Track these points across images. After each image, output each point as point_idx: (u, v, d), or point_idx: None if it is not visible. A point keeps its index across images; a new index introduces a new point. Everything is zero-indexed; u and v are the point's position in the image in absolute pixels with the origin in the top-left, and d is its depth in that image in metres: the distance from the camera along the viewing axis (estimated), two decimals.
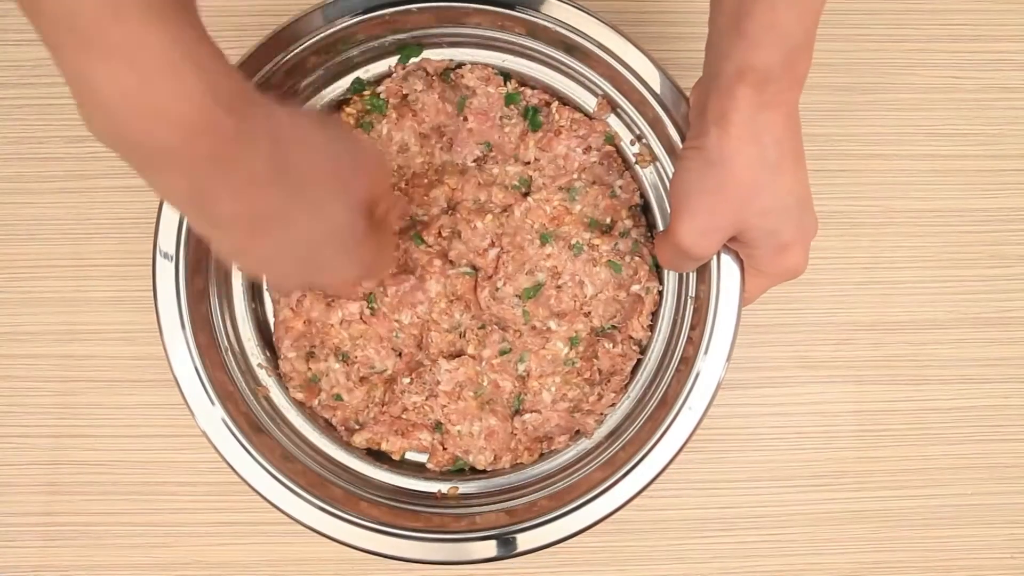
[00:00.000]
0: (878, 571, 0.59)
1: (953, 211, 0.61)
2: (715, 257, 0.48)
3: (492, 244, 0.53)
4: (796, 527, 0.59)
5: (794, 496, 0.59)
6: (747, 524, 0.59)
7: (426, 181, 0.54)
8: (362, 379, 0.54)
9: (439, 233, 0.54)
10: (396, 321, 0.54)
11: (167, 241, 0.49)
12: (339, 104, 0.55)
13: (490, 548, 0.49)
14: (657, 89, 0.50)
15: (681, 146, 0.49)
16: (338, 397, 0.54)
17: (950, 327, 0.61)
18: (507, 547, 0.49)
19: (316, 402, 0.54)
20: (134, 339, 0.58)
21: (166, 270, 0.49)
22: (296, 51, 0.50)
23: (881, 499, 0.59)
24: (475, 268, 0.54)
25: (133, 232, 0.59)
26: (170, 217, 0.49)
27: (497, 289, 0.53)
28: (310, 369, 0.54)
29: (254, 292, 0.55)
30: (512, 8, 0.50)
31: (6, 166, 0.59)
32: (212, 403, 0.49)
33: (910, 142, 0.61)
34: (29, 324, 0.58)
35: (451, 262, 0.54)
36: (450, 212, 0.54)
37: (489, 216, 0.53)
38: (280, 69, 0.50)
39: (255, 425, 0.51)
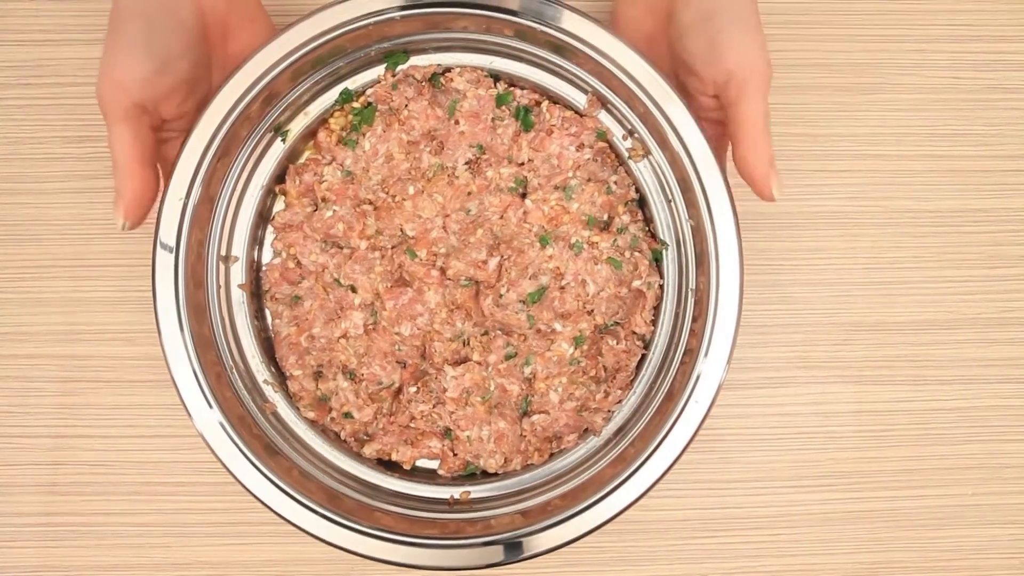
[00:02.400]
0: (880, 571, 0.59)
1: (953, 211, 0.61)
2: (713, 247, 0.49)
3: (491, 254, 0.53)
4: (798, 527, 0.59)
5: (796, 496, 0.59)
6: (749, 524, 0.59)
7: (412, 191, 0.54)
8: (371, 396, 0.54)
9: (432, 251, 0.54)
10: (397, 334, 0.54)
11: (168, 233, 0.49)
12: (323, 120, 0.55)
13: (507, 551, 0.49)
14: (645, 83, 0.50)
15: (672, 138, 0.50)
16: (348, 415, 0.54)
17: (950, 327, 0.61)
18: (523, 550, 0.49)
19: (327, 419, 0.54)
20: (134, 340, 0.58)
21: (166, 262, 0.49)
22: (283, 66, 0.50)
23: (882, 499, 0.59)
24: (475, 281, 0.54)
25: (133, 232, 0.58)
26: (172, 210, 0.49)
27: (501, 296, 0.53)
28: (319, 388, 0.54)
29: (256, 308, 0.55)
30: (499, 11, 0.50)
31: (6, 166, 0.59)
32: (210, 406, 0.49)
33: (910, 142, 0.61)
34: (29, 324, 0.58)
35: (450, 279, 0.54)
36: (443, 228, 0.54)
37: (480, 231, 0.53)
38: (269, 85, 0.50)
39: (270, 448, 0.51)
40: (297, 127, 0.54)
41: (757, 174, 0.48)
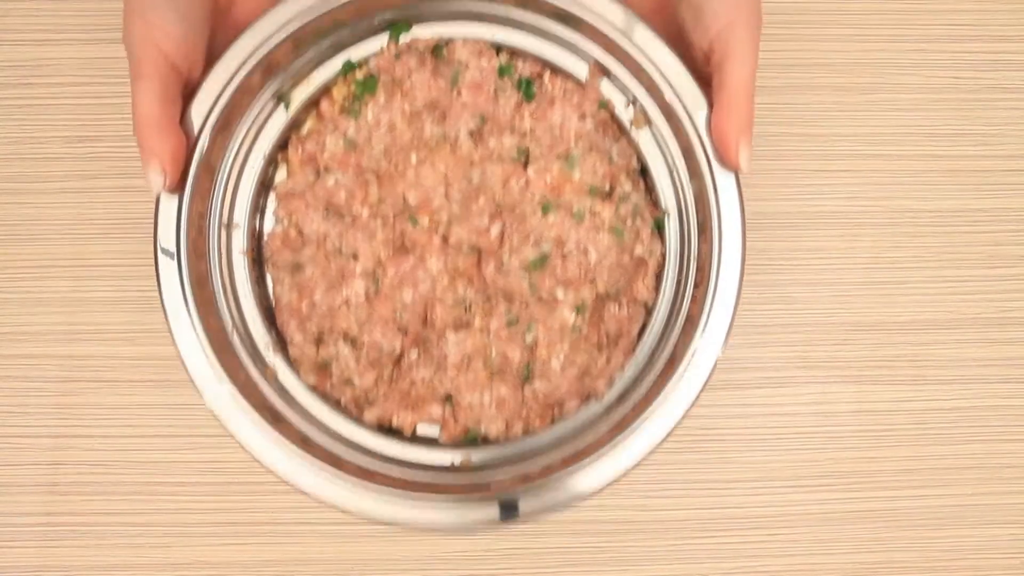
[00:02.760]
0: (880, 571, 0.59)
1: (953, 211, 0.61)
2: (716, 212, 0.49)
3: (493, 220, 0.53)
4: (797, 527, 0.59)
5: (795, 496, 0.59)
6: (748, 524, 0.59)
7: (415, 160, 0.54)
8: (371, 362, 0.54)
9: (434, 218, 0.54)
10: (398, 301, 0.54)
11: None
12: (326, 89, 0.55)
13: (503, 512, 0.49)
14: (652, 53, 0.50)
15: (677, 106, 0.50)
16: (348, 381, 0.54)
17: (950, 327, 0.61)
18: (520, 510, 0.49)
19: (328, 385, 0.54)
20: (135, 339, 0.58)
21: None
22: (282, 37, 0.50)
23: (882, 499, 0.59)
24: (477, 248, 0.54)
25: (134, 232, 0.59)
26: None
27: (503, 263, 0.53)
28: (319, 354, 0.54)
29: (258, 275, 0.55)
30: None
31: (6, 166, 0.59)
32: (219, 382, 0.49)
33: (910, 142, 0.61)
34: (29, 324, 0.58)
35: (452, 246, 0.54)
36: (445, 196, 0.54)
37: (482, 198, 0.54)
38: (269, 55, 0.50)
39: (276, 415, 0.51)
40: (300, 96, 0.54)
41: (729, 139, 0.47)
